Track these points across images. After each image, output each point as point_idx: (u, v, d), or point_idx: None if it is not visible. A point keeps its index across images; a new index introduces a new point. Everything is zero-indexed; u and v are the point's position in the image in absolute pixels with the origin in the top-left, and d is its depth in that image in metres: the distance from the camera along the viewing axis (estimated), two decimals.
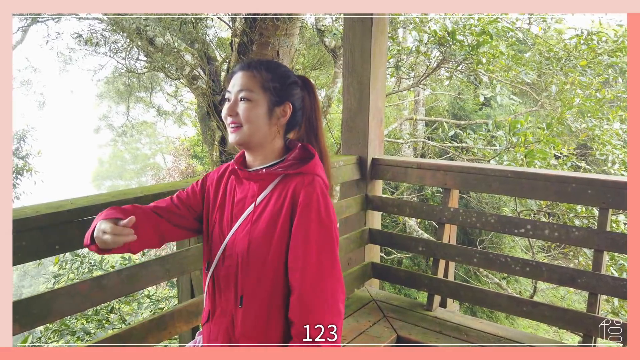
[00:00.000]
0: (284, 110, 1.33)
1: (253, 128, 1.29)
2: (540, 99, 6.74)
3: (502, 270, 2.51)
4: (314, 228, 1.23)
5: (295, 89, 1.37)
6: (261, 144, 1.33)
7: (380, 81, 2.91)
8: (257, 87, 1.30)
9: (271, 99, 1.31)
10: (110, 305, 4.21)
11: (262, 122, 1.30)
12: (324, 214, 1.25)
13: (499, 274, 7.42)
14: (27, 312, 1.43)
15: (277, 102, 1.32)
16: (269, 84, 1.31)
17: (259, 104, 1.29)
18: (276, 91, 1.32)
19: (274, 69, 1.35)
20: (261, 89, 1.30)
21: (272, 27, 4.75)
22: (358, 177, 2.92)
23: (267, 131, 1.31)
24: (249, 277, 1.27)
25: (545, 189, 2.38)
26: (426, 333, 2.46)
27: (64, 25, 11.68)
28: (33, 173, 9.15)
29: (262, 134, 1.31)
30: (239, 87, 1.30)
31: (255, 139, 1.30)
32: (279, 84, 1.33)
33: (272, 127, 1.32)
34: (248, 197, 1.32)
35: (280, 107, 1.33)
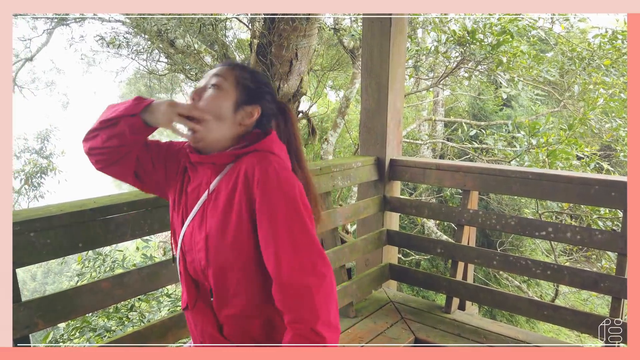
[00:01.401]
0: (251, 112, 1.22)
1: (214, 121, 1.17)
2: (562, 99, 6.62)
3: (523, 273, 2.47)
4: (277, 205, 1.10)
5: (269, 98, 1.27)
6: (220, 143, 1.21)
7: (398, 81, 2.90)
8: (230, 78, 1.22)
9: (241, 96, 1.21)
10: (130, 303, 4.27)
11: (225, 117, 1.19)
12: (285, 187, 1.12)
13: (520, 277, 7.32)
14: (52, 308, 1.46)
15: (246, 100, 1.22)
16: (244, 81, 1.23)
17: (228, 95, 1.20)
18: (249, 90, 1.23)
19: (254, 72, 1.28)
20: (234, 82, 1.21)
21: (291, 29, 4.76)
22: (376, 178, 2.91)
23: (228, 128, 1.20)
24: (215, 271, 1.16)
25: (567, 191, 2.33)
26: (444, 336, 2.43)
27: (88, 28, 11.95)
28: (57, 172, 9.34)
29: (220, 130, 1.19)
30: (214, 72, 1.22)
31: (213, 134, 1.19)
32: (254, 85, 1.24)
33: (234, 125, 1.21)
34: (202, 184, 1.22)
35: (249, 107, 1.22)
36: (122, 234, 1.62)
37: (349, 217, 2.77)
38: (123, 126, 1.17)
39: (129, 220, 1.64)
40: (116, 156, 1.23)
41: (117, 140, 1.19)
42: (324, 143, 6.66)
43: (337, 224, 2.64)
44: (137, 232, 1.66)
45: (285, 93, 5.26)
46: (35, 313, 1.42)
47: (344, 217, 2.70)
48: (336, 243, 2.63)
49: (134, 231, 1.65)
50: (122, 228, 1.62)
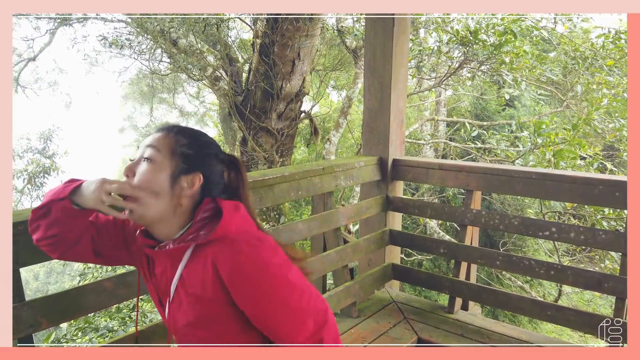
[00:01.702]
0: (192, 181, 1.13)
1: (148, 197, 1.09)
2: (565, 99, 6.61)
3: (526, 273, 2.47)
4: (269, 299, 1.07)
5: (213, 162, 1.18)
6: (161, 218, 1.12)
7: (401, 81, 2.90)
8: (164, 149, 1.12)
9: (178, 166, 1.12)
10: (132, 302, 4.28)
11: (162, 190, 1.10)
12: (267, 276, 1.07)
13: (522, 277, 7.30)
14: (55, 308, 1.46)
15: (185, 169, 1.13)
16: (181, 148, 1.13)
17: (162, 168, 1.11)
18: (187, 158, 1.13)
19: (194, 136, 1.18)
20: (169, 153, 1.12)
21: (293, 29, 4.77)
22: (379, 177, 2.91)
23: (167, 202, 1.11)
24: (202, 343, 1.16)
25: (570, 191, 2.33)
26: (447, 336, 2.43)
27: (90, 28, 11.94)
28: (59, 172, 9.37)
29: (157, 207, 1.10)
30: (146, 143, 1.14)
31: (151, 212, 1.10)
32: (193, 151, 1.15)
33: (175, 199, 1.12)
34: (167, 270, 1.16)
35: (189, 176, 1.13)
36: None
37: (352, 217, 2.77)
38: (55, 212, 1.11)
39: None
40: (67, 243, 1.16)
41: (57, 227, 1.12)
42: (326, 143, 6.66)
43: (339, 224, 2.64)
44: None
45: (287, 93, 5.26)
46: (39, 312, 1.42)
47: (346, 217, 2.70)
48: (339, 243, 2.63)
49: None
50: None
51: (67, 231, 1.14)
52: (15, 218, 1.40)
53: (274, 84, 5.13)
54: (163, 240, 1.16)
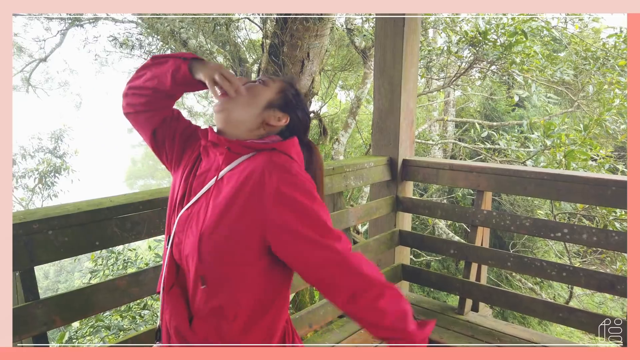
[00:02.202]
0: (279, 118, 1.23)
1: (244, 102, 1.19)
2: (577, 99, 6.55)
3: (538, 275, 2.45)
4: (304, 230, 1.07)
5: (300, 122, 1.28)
6: (238, 124, 1.21)
7: (411, 82, 2.89)
8: (277, 84, 1.26)
9: (276, 100, 1.24)
10: (143, 302, 4.30)
11: (256, 105, 1.21)
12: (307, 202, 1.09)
13: (532, 279, 7.25)
14: (69, 306, 1.47)
15: (280, 105, 1.24)
16: (287, 92, 1.26)
17: (266, 93, 1.23)
18: (287, 101, 1.25)
19: (301, 98, 1.31)
20: (278, 88, 1.25)
21: (303, 29, 4.77)
22: (388, 178, 2.90)
23: (252, 117, 1.21)
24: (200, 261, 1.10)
25: (583, 192, 2.31)
26: (458, 337, 2.42)
27: (101, 29, 12.09)
28: (70, 172, 9.44)
29: (245, 114, 1.20)
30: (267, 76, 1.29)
31: (237, 113, 1.20)
32: (294, 100, 1.27)
33: (259, 120, 1.21)
34: (212, 169, 1.19)
35: (280, 112, 1.24)
36: (137, 233, 1.63)
37: (361, 218, 2.76)
38: (170, 65, 1.19)
39: (144, 219, 1.65)
40: (149, 105, 1.26)
41: (157, 81, 1.21)
42: (335, 143, 6.66)
43: (349, 224, 2.63)
44: (152, 230, 1.67)
45: None
46: (53, 310, 1.43)
47: (356, 217, 2.69)
48: None
49: (149, 230, 1.66)
50: (137, 227, 1.64)
51: (161, 93, 1.23)
52: (30, 216, 1.41)
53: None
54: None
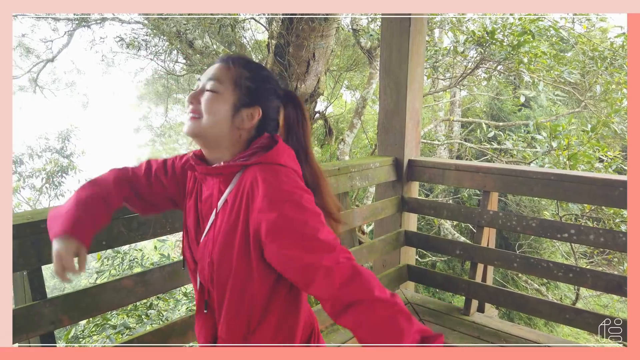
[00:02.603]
0: (251, 114, 1.16)
1: (212, 121, 1.13)
2: (584, 99, 6.51)
3: (544, 275, 2.44)
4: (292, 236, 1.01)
5: (271, 97, 1.20)
6: (217, 142, 1.16)
7: (417, 82, 2.88)
8: (227, 80, 1.15)
9: (240, 98, 1.15)
10: (149, 301, 4.32)
11: (223, 119, 1.14)
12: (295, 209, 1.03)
13: (538, 280, 7.21)
14: (76, 305, 1.48)
15: (245, 102, 1.16)
16: (242, 81, 1.16)
17: (224, 99, 1.14)
18: (248, 91, 1.16)
19: (255, 69, 1.19)
20: (231, 83, 1.15)
21: (309, 29, 4.77)
22: (394, 178, 2.90)
23: (227, 131, 1.15)
24: (221, 287, 1.14)
25: (590, 193, 2.29)
26: (464, 338, 2.41)
27: (108, 30, 12.17)
28: (77, 171, 9.49)
29: (220, 131, 1.14)
30: (209, 75, 1.17)
31: (212, 133, 1.14)
32: (254, 85, 1.17)
33: (234, 129, 1.15)
34: (214, 195, 1.18)
35: (249, 109, 1.16)
36: (144, 233, 1.64)
37: (367, 218, 2.76)
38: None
39: (150, 219, 1.65)
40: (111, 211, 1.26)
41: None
42: (341, 143, 6.66)
43: (355, 225, 2.63)
44: (158, 230, 1.68)
45: (302, 93, 5.27)
46: (60, 310, 1.44)
47: (361, 217, 2.69)
48: (354, 244, 2.62)
49: (156, 230, 1.67)
50: (143, 227, 1.64)
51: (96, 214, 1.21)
52: (37, 216, 1.42)
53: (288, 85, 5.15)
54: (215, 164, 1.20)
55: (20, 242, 1.36)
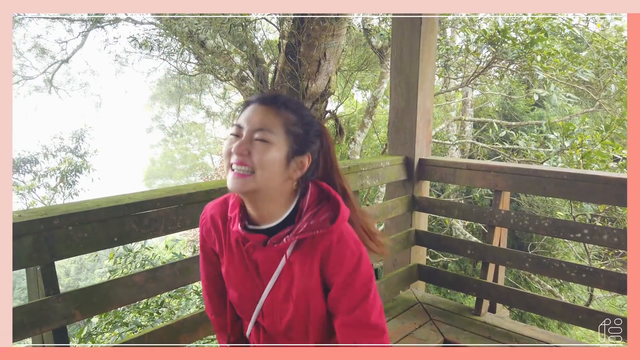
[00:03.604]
0: (302, 162, 1.11)
1: (267, 175, 1.06)
2: (598, 98, 6.43)
3: (557, 276, 2.41)
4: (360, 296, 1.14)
5: (317, 140, 1.15)
6: (270, 196, 1.11)
7: (428, 80, 2.87)
8: (279, 127, 1.07)
9: (292, 147, 1.08)
10: (160, 299, 4.36)
11: (278, 171, 1.07)
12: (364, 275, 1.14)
13: (551, 281, 7.14)
14: (88, 300, 1.50)
15: (297, 150, 1.09)
16: (294, 127, 1.09)
17: (279, 148, 1.06)
18: (299, 138, 1.09)
19: (301, 111, 1.13)
20: (284, 132, 1.07)
21: (320, 28, 4.78)
22: (404, 177, 2.88)
23: (280, 183, 1.09)
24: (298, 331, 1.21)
25: (604, 192, 2.26)
26: (474, 338, 2.39)
27: (121, 30, 12.30)
28: (91, 170, 9.61)
29: (274, 185, 1.08)
30: (258, 123, 1.06)
31: (266, 188, 1.08)
32: (303, 131, 1.10)
33: (287, 181, 1.11)
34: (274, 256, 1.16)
35: (300, 157, 1.10)
36: (155, 229, 1.66)
37: (377, 217, 2.75)
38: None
39: (162, 215, 1.67)
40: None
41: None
42: (351, 143, 6.65)
43: None
44: (169, 227, 1.69)
45: (313, 93, 5.27)
46: (73, 305, 1.46)
47: (372, 216, 2.69)
48: None
49: (167, 227, 1.68)
50: (155, 223, 1.66)
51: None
52: (51, 212, 1.44)
53: (299, 84, 5.16)
54: (264, 221, 1.15)
55: (34, 237, 1.38)
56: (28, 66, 11.60)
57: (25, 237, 1.37)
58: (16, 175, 9.55)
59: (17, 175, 9.59)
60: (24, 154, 9.81)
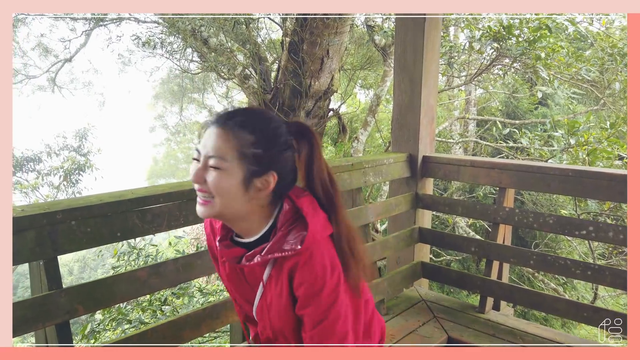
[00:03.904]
0: (265, 181, 1.07)
1: (225, 202, 1.06)
2: (602, 96, 6.40)
3: (562, 273, 2.39)
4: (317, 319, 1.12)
5: (284, 152, 1.09)
6: (240, 217, 1.11)
7: (432, 77, 2.85)
8: (232, 152, 1.04)
9: (249, 169, 1.05)
10: (163, 296, 4.36)
11: (236, 195, 1.06)
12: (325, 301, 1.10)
13: (555, 280, 7.11)
14: (91, 295, 1.49)
15: (256, 172, 1.06)
16: (249, 150, 1.05)
17: (232, 174, 1.04)
18: (257, 159, 1.05)
19: (259, 128, 1.07)
20: (236, 157, 1.04)
21: (323, 26, 4.77)
22: (408, 175, 2.87)
23: (243, 205, 1.08)
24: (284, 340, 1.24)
25: (609, 189, 2.24)
26: (478, 335, 2.38)
27: (124, 28, 12.32)
28: (94, 169, 9.63)
29: (237, 208, 1.08)
30: (211, 150, 1.05)
31: (230, 212, 1.09)
32: (263, 150, 1.06)
33: (251, 200, 1.08)
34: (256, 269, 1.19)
35: (261, 177, 1.07)
36: (158, 225, 1.65)
37: (380, 214, 2.74)
38: None
39: (165, 211, 1.66)
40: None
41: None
42: (354, 141, 6.64)
43: (368, 221, 2.62)
44: (172, 223, 1.68)
45: (316, 90, 5.27)
46: (76, 299, 1.45)
47: (375, 213, 2.67)
48: (367, 239, 2.61)
49: (170, 222, 1.68)
50: (158, 219, 1.65)
51: None
52: (54, 207, 1.44)
53: (302, 82, 5.15)
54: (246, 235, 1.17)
55: (37, 232, 1.38)
56: (31, 65, 11.65)
57: (28, 231, 1.36)
58: (20, 174, 9.58)
59: (21, 173, 9.62)
60: (28, 152, 9.85)
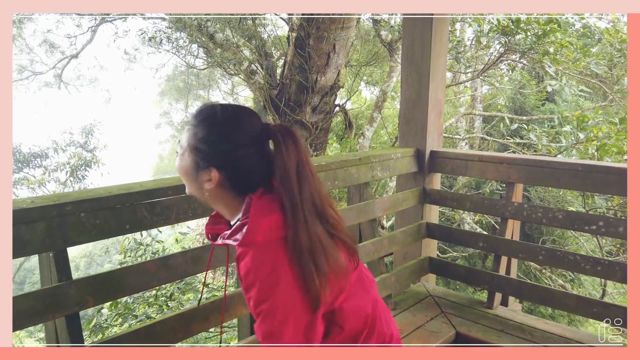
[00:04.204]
0: (207, 175, 1.12)
1: (185, 183, 1.20)
2: (611, 92, 6.35)
3: (571, 268, 2.37)
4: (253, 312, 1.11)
5: (237, 152, 1.10)
6: (210, 201, 1.19)
7: (440, 72, 2.83)
8: (185, 141, 1.15)
9: (195, 161, 1.13)
10: (169, 291, 4.38)
11: (189, 180, 1.17)
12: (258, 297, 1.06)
13: (562, 277, 7.08)
14: (101, 287, 1.50)
15: (200, 165, 1.12)
16: (198, 144, 1.11)
17: (183, 159, 1.15)
18: (201, 153, 1.11)
19: (212, 125, 1.12)
20: (188, 148, 1.14)
21: (329, 21, 4.75)
22: (415, 169, 2.86)
23: (198, 191, 1.17)
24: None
25: (619, 184, 2.22)
26: (487, 331, 2.37)
27: (130, 24, 12.34)
28: (100, 165, 9.67)
29: (195, 193, 1.19)
30: (179, 138, 1.19)
31: (194, 194, 1.20)
32: (207, 146, 1.10)
33: (202, 189, 1.15)
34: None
35: (203, 172, 1.12)
36: (166, 217, 1.65)
37: (388, 209, 2.73)
38: None
39: (173, 203, 1.66)
40: None
41: None
42: (360, 137, 6.63)
43: (375, 215, 2.61)
44: (181, 215, 1.68)
45: (322, 86, 5.26)
46: (86, 291, 1.46)
47: (382, 208, 2.66)
48: (374, 234, 2.60)
49: (179, 215, 1.68)
50: (166, 211, 1.65)
51: None
52: (63, 199, 1.44)
53: (308, 77, 5.13)
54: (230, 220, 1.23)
55: (47, 223, 1.38)
56: (38, 62, 11.69)
57: (38, 222, 1.36)
58: (26, 170, 9.63)
59: (28, 169, 9.67)
60: (35, 148, 9.90)
